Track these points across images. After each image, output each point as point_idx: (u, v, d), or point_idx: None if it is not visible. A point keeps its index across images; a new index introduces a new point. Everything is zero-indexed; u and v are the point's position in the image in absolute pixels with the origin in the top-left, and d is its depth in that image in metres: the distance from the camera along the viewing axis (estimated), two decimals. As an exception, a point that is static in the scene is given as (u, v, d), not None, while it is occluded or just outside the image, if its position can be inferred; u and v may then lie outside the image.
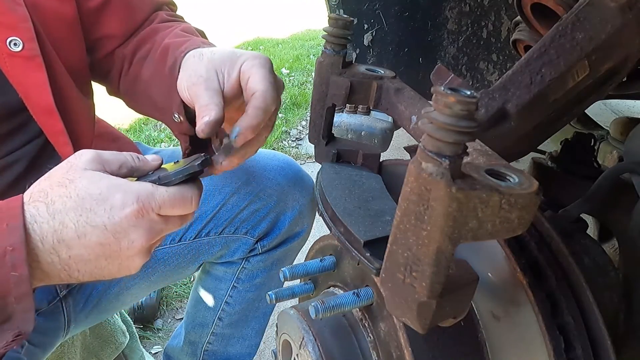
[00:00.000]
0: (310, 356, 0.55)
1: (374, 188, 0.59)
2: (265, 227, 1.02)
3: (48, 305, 0.86)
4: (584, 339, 0.48)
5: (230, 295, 1.11)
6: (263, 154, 1.05)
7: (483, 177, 0.35)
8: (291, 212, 1.02)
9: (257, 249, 1.04)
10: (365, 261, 0.47)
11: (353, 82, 0.60)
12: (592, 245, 0.70)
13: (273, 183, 1.00)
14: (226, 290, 1.11)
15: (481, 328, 0.53)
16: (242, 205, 1.00)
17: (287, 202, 1.01)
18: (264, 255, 1.06)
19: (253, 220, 1.01)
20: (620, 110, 1.68)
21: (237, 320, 1.14)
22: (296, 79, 4.20)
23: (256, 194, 0.99)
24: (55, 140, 0.75)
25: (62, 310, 0.89)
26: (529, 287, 0.48)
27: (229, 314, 1.13)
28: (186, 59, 0.70)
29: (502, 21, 1.75)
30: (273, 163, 1.03)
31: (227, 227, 1.01)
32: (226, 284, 1.10)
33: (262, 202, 1.00)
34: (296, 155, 2.85)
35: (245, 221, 1.01)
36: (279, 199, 1.00)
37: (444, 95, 0.32)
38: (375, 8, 1.74)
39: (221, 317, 1.14)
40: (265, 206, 1.00)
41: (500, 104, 0.62)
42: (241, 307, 1.12)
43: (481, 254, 0.52)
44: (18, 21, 0.68)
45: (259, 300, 1.13)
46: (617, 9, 0.56)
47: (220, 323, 1.15)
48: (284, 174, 1.02)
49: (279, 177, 1.01)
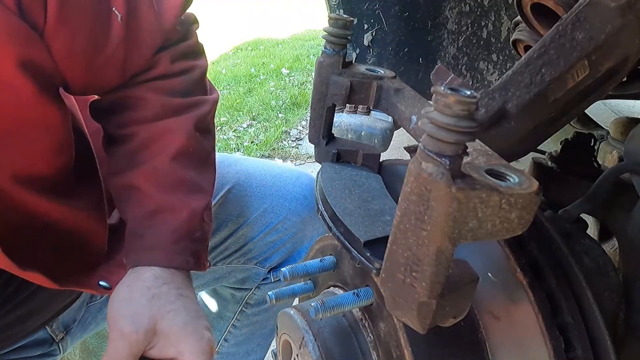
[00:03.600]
0: (310, 356, 0.55)
1: (374, 188, 0.59)
2: (279, 258, 0.95)
3: (42, 352, 0.83)
4: (584, 339, 0.48)
5: (238, 319, 1.06)
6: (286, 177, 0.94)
7: (483, 177, 0.35)
8: (309, 242, 0.94)
9: (269, 279, 0.98)
10: (365, 261, 0.47)
11: (353, 82, 0.60)
12: (592, 245, 0.70)
13: (293, 214, 0.92)
14: (234, 314, 1.05)
15: (481, 328, 0.53)
16: (257, 237, 0.92)
17: (306, 233, 0.94)
18: (276, 284, 0.99)
19: (267, 252, 0.93)
20: (620, 110, 1.68)
21: (243, 340, 1.10)
22: (296, 79, 4.21)
23: (273, 227, 0.92)
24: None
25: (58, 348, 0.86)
26: (529, 287, 0.48)
27: (235, 336, 1.09)
28: (136, 284, 0.64)
29: (502, 21, 1.75)
30: (296, 190, 0.93)
31: (237, 257, 0.94)
32: (234, 306, 1.05)
33: (278, 234, 0.92)
34: (296, 155, 2.85)
35: (258, 252, 0.93)
36: (298, 229, 0.92)
37: (444, 95, 0.32)
38: (375, 8, 1.74)
39: (227, 338, 1.09)
40: (281, 238, 0.93)
41: (500, 104, 0.62)
42: (248, 329, 1.08)
43: (481, 254, 0.52)
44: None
45: (267, 320, 1.07)
46: (617, 9, 0.56)
47: (225, 344, 1.10)
48: (307, 203, 0.93)
49: (300, 208, 0.92)
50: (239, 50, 5.09)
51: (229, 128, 3.25)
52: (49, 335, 0.84)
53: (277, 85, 4.04)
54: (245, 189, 0.91)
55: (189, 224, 0.67)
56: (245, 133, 3.18)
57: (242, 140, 3.08)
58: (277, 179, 0.94)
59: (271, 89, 3.92)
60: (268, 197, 0.91)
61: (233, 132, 3.19)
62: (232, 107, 3.53)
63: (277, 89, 3.93)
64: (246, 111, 3.48)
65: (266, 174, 0.95)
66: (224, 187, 0.92)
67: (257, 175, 0.94)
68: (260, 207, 0.90)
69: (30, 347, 0.81)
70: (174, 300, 0.64)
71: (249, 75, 4.23)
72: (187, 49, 0.77)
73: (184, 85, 0.73)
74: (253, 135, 3.14)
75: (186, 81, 0.74)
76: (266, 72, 4.33)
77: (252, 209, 0.90)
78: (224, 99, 3.70)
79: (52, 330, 0.83)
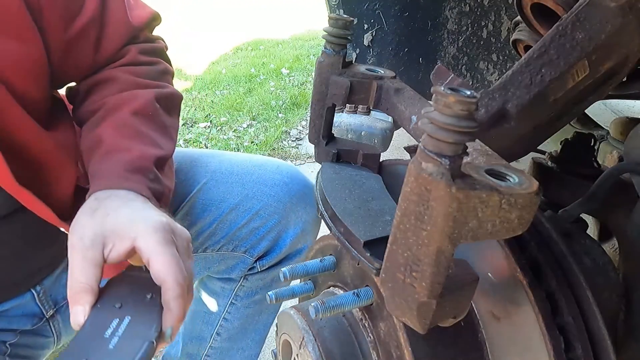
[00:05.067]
0: (310, 356, 0.55)
1: (374, 188, 0.59)
2: (265, 246, 0.97)
3: (32, 327, 0.84)
4: (584, 339, 0.48)
5: (229, 312, 1.08)
6: (267, 166, 0.99)
7: (483, 177, 0.35)
8: (293, 230, 0.97)
9: (256, 268, 1.01)
10: (365, 261, 0.47)
11: (353, 82, 0.60)
12: (592, 245, 0.69)
13: (275, 200, 0.95)
14: (224, 307, 1.07)
15: (481, 328, 0.53)
16: (240, 223, 0.95)
17: (289, 220, 0.96)
18: (263, 274, 1.02)
19: (252, 239, 0.96)
20: (620, 110, 1.68)
21: (235, 334, 1.11)
22: (296, 79, 4.21)
23: (256, 212, 0.94)
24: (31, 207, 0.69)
25: (50, 328, 0.87)
26: (529, 287, 0.48)
27: (227, 330, 1.10)
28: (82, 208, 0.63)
29: (502, 21, 1.75)
30: (276, 177, 0.97)
31: (225, 244, 0.97)
32: (224, 299, 1.07)
33: (261, 220, 0.95)
34: (296, 155, 2.85)
35: (244, 239, 0.96)
36: (281, 216, 0.95)
37: (444, 95, 0.32)
38: (375, 8, 1.74)
39: (219, 332, 1.11)
40: (265, 224, 0.95)
41: (500, 104, 0.62)
42: (240, 322, 1.09)
43: (481, 254, 0.52)
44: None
45: (259, 314, 1.09)
46: (617, 9, 0.56)
47: (218, 338, 1.12)
48: (288, 189, 0.96)
49: (281, 194, 0.95)
50: (239, 50, 5.09)
51: (229, 128, 3.25)
52: (38, 308, 0.84)
53: (277, 85, 4.04)
54: (227, 176, 0.95)
55: (140, 162, 0.69)
56: (245, 133, 3.18)
57: (242, 140, 3.08)
58: (257, 168, 0.98)
59: (271, 89, 3.92)
60: (249, 184, 0.94)
61: (233, 132, 3.19)
62: (232, 107, 3.53)
63: (277, 89, 3.93)
64: (246, 111, 3.48)
65: (247, 163, 0.99)
66: (206, 175, 0.96)
67: (239, 163, 0.99)
68: (242, 192, 0.94)
69: (19, 316, 0.81)
70: (118, 205, 0.62)
71: (249, 75, 4.23)
72: (153, 49, 0.85)
73: (150, 73, 0.81)
74: (253, 135, 3.14)
75: (153, 70, 0.82)
76: (266, 72, 4.33)
77: (234, 194, 0.93)
78: (224, 99, 3.70)
79: (39, 299, 0.83)
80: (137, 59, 0.82)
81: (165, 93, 0.81)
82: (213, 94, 3.83)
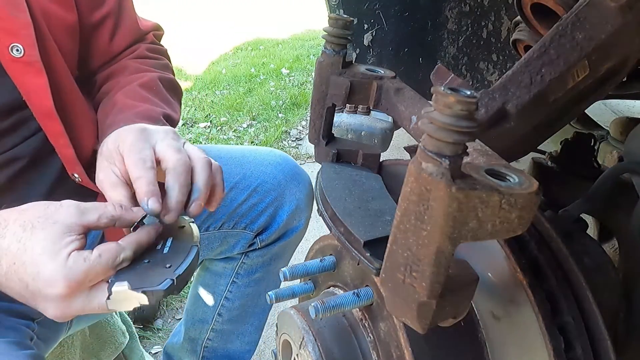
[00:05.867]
0: (310, 356, 0.55)
1: (374, 188, 0.59)
2: (264, 221, 1.03)
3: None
4: (584, 339, 0.48)
5: (230, 291, 1.13)
6: (260, 151, 1.08)
7: (483, 177, 0.35)
8: (289, 206, 1.04)
9: (256, 244, 1.06)
10: (365, 261, 0.47)
11: (353, 82, 0.60)
12: (592, 245, 0.70)
13: (270, 177, 1.03)
14: (225, 286, 1.12)
15: (481, 328, 0.53)
16: (240, 200, 1.02)
17: (284, 197, 1.03)
18: (262, 250, 1.08)
19: (252, 215, 1.03)
20: (620, 110, 1.68)
21: (236, 316, 1.16)
22: (296, 79, 4.20)
23: (254, 188, 1.02)
24: (55, 141, 0.77)
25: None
26: (529, 287, 0.48)
27: (228, 310, 1.15)
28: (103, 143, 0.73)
29: (502, 21, 1.75)
30: (270, 159, 1.06)
31: (226, 222, 1.03)
32: (225, 279, 1.12)
33: (260, 196, 1.02)
34: (296, 155, 2.85)
35: (244, 216, 1.03)
36: (277, 193, 1.03)
37: (444, 95, 0.32)
38: (375, 8, 1.74)
39: (221, 312, 1.15)
40: (263, 200, 1.02)
41: (500, 104, 0.62)
42: (240, 302, 1.14)
43: (481, 254, 0.52)
44: (19, 28, 0.70)
45: (258, 295, 1.14)
46: (617, 9, 0.56)
47: (219, 319, 1.16)
48: (281, 168, 1.04)
49: (276, 172, 1.03)
50: (239, 50, 5.09)
51: (229, 128, 3.25)
52: None
53: (277, 85, 4.04)
54: (226, 160, 1.03)
55: (150, 113, 0.79)
56: (245, 133, 3.17)
57: (242, 140, 3.08)
58: (253, 152, 1.10)
59: (271, 89, 3.91)
60: (247, 164, 1.04)
61: (233, 132, 3.19)
62: (232, 107, 3.53)
63: (277, 89, 3.92)
64: (246, 111, 3.47)
65: (243, 149, 1.12)
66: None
67: (235, 150, 1.10)
68: (240, 172, 1.03)
69: None
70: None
71: (249, 75, 4.23)
72: (159, 49, 0.99)
73: (156, 64, 0.94)
74: (253, 135, 3.13)
75: (158, 63, 0.95)
76: (266, 72, 4.32)
77: (234, 174, 1.03)
78: (224, 99, 3.70)
79: None
80: (145, 54, 0.95)
81: (168, 77, 0.93)
82: (213, 94, 3.83)
